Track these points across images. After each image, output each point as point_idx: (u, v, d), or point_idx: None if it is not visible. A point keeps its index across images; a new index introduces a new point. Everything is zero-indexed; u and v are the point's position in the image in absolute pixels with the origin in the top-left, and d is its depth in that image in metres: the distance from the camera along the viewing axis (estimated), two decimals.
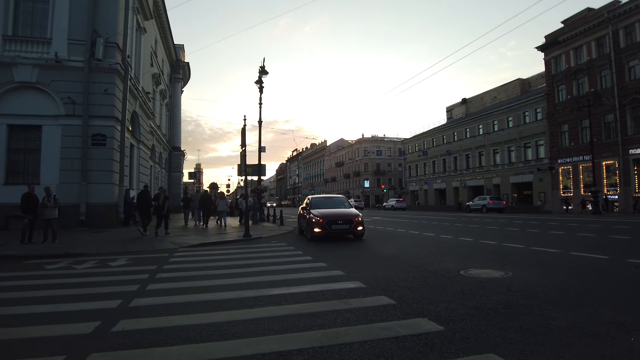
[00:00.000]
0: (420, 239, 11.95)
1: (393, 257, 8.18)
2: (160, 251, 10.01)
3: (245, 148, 13.89)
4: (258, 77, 21.08)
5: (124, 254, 9.62)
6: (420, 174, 65.30)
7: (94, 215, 15.82)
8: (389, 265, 7.19)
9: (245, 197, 15.21)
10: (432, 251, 9.16)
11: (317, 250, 9.77)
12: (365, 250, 9.61)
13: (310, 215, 11.94)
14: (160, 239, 12.62)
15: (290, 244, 11.45)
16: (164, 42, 33.19)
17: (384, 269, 6.81)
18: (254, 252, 9.70)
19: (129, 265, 7.95)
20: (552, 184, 40.37)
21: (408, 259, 7.90)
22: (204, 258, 8.72)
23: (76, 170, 15.84)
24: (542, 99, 42.16)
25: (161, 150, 33.13)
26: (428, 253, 8.85)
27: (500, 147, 47.99)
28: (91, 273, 7.07)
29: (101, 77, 16.40)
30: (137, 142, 21.47)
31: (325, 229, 11.36)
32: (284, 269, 7.08)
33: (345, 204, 13.32)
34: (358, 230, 11.70)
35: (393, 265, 7.19)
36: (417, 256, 8.34)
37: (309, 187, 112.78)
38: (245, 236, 12.80)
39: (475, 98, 62.09)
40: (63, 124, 15.99)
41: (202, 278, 6.34)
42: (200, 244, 11.32)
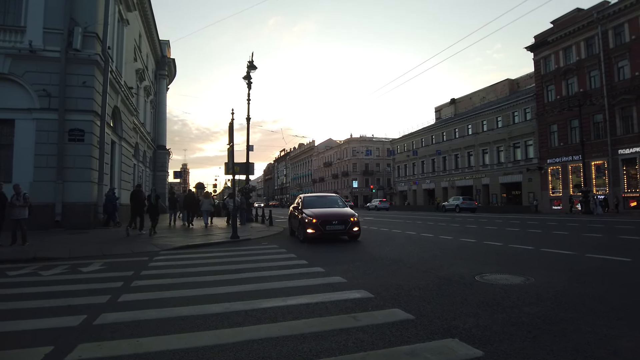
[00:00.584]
0: (420, 240, 11.30)
1: (397, 261, 7.48)
2: (140, 254, 9.14)
3: (233, 144, 13.06)
4: (246, 72, 20.28)
5: (99, 257, 8.75)
6: (409, 174, 65.04)
7: (70, 215, 14.82)
8: (394, 270, 6.49)
9: (233, 196, 14.38)
10: (436, 253, 8.49)
11: (311, 253, 9.03)
12: (364, 252, 8.90)
13: (302, 215, 11.19)
14: (143, 240, 11.76)
15: (282, 246, 10.68)
16: (149, 37, 32.10)
17: (389, 275, 6.11)
18: (242, 255, 8.91)
19: (102, 271, 7.10)
20: (541, 184, 40.28)
21: (413, 263, 7.21)
22: (187, 262, 7.91)
23: (51, 167, 14.83)
24: (532, 99, 42.10)
25: (145, 148, 32.03)
26: (433, 256, 8.19)
27: (489, 147, 47.86)
28: (58, 281, 6.21)
29: (79, 68, 15.40)
30: (118, 138, 20.45)
31: (319, 229, 10.63)
32: (277, 275, 6.32)
33: (339, 202, 12.60)
34: (354, 231, 10.99)
35: (399, 270, 6.49)
36: (422, 259, 7.66)
37: (297, 187, 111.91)
38: (233, 237, 11.99)
39: (464, 98, 62.06)
40: (38, 118, 14.95)
41: (185, 286, 5.55)
42: (184, 246, 10.49)
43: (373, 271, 6.44)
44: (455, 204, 41.02)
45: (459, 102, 62.76)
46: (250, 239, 12.41)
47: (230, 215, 19.14)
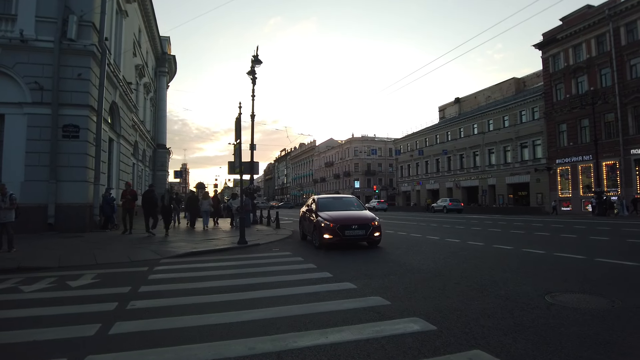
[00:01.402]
0: (449, 247, 10.27)
1: (437, 274, 6.44)
2: (138, 264, 8.11)
3: (241, 141, 12.04)
4: (251, 67, 19.26)
5: (92, 267, 7.72)
6: (413, 175, 64.02)
7: (64, 217, 13.78)
8: (441, 288, 5.45)
9: (241, 196, 13.37)
10: (477, 264, 7.46)
11: (332, 262, 7.97)
12: (393, 262, 7.84)
13: (318, 219, 10.16)
14: (142, 246, 10.74)
15: (296, 252, 9.64)
16: (149, 33, 31.08)
17: (439, 294, 5.07)
18: (254, 265, 7.87)
19: (94, 285, 6.07)
20: (549, 185, 39.29)
21: (459, 277, 6.17)
22: (192, 275, 6.86)
23: (44, 165, 13.78)
24: (540, 97, 41.12)
25: (145, 147, 31.01)
26: (474, 267, 7.15)
27: (495, 147, 46.86)
28: (39, 300, 5.16)
29: (74, 60, 14.35)
30: (117, 136, 19.42)
31: (337, 235, 9.60)
32: (301, 294, 5.26)
33: (355, 204, 11.56)
34: (375, 236, 9.95)
35: (447, 288, 5.45)
36: (465, 272, 6.61)
37: (298, 187, 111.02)
38: (240, 243, 10.97)
39: (469, 97, 61.05)
40: (29, 113, 13.89)
41: (192, 311, 4.49)
42: (187, 254, 9.44)
43: (416, 289, 5.40)
44: (443, 205, 42.94)
45: (464, 102, 61.74)
46: (259, 245, 11.38)
47: (234, 216, 18.19)
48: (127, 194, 14.33)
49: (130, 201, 14.21)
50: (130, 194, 14.29)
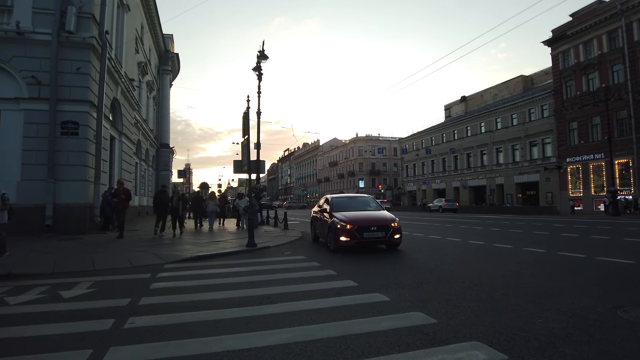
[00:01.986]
0: (475, 250, 9.54)
1: (476, 283, 5.68)
2: (140, 269, 7.40)
3: (249, 137, 11.32)
4: (256, 63, 18.58)
5: (89, 273, 7.01)
6: (418, 174, 63.20)
7: (63, 218, 13.10)
8: (487, 300, 4.71)
9: (249, 196, 12.68)
10: (515, 270, 6.71)
11: (352, 268, 7.22)
12: (422, 268, 7.07)
13: (333, 220, 9.43)
14: (144, 249, 10.04)
15: (310, 256, 8.91)
16: (152, 30, 30.47)
17: (490, 310, 4.31)
18: (267, 271, 7.14)
19: (89, 296, 5.36)
20: (560, 184, 38.43)
21: (505, 287, 5.40)
22: (199, 283, 6.13)
23: (42, 164, 13.11)
24: (549, 95, 40.27)
25: (148, 146, 30.38)
26: (514, 273, 6.40)
27: (503, 146, 46.02)
28: (22, 316, 4.44)
29: (73, 53, 13.67)
30: (118, 134, 18.76)
31: (354, 237, 8.86)
32: (328, 308, 4.51)
33: (372, 204, 10.82)
34: (395, 238, 9.20)
35: (495, 301, 4.69)
36: (509, 280, 5.86)
37: (302, 187, 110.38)
38: (250, 245, 10.25)
39: (475, 96, 60.23)
40: (26, 109, 13.22)
41: (202, 330, 3.76)
42: (193, 258, 8.72)
43: (460, 302, 4.65)
44: (438, 205, 44.44)
45: (470, 100, 60.94)
46: (269, 247, 10.66)
47: (240, 217, 17.52)
48: (120, 193, 12.95)
49: (123, 201, 12.90)
50: (124, 193, 12.96)
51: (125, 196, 12.93)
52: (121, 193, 12.90)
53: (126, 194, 13.04)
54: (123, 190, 13.04)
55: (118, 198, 12.88)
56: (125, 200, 12.94)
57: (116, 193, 13.11)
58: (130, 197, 13.41)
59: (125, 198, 12.93)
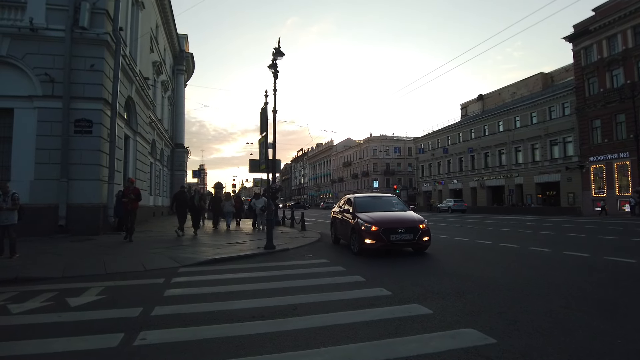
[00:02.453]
0: (510, 253, 8.91)
1: (526, 292, 5.04)
2: (154, 274, 6.95)
3: (267, 134, 10.82)
4: (272, 60, 18.16)
5: (100, 278, 6.59)
6: (434, 174, 62.15)
7: (76, 219, 12.79)
8: (548, 314, 4.08)
9: (268, 197, 12.21)
10: (565, 276, 6.06)
11: (382, 274, 6.63)
12: (458, 274, 6.44)
13: (357, 221, 8.87)
14: (160, 250, 9.63)
15: (333, 260, 8.36)
16: (166, 29, 30.30)
17: (556, 326, 3.70)
18: (289, 277, 6.61)
19: (98, 304, 4.90)
20: (582, 184, 37.21)
21: (562, 298, 4.77)
22: (217, 290, 5.63)
23: (55, 163, 12.82)
24: (571, 92, 39.00)
25: (163, 146, 30.20)
26: (566, 281, 5.75)
27: (523, 145, 44.79)
28: (22, 328, 4.00)
29: (87, 50, 13.37)
30: (133, 133, 18.48)
31: (380, 239, 8.29)
32: (365, 322, 3.93)
33: (397, 204, 10.22)
34: (424, 241, 8.61)
35: (556, 314, 4.07)
36: (562, 289, 5.21)
37: (315, 187, 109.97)
38: (268, 248, 9.76)
39: (492, 94, 58.96)
40: (39, 107, 12.96)
41: (224, 350, 3.28)
42: (210, 261, 8.24)
43: (515, 316, 4.02)
44: (448, 205, 44.84)
45: (487, 98, 59.69)
46: (289, 250, 10.14)
47: (257, 217, 17.09)
48: (129, 192, 12.01)
49: (133, 201, 11.93)
50: (133, 193, 12.01)
51: (135, 196, 12.03)
52: (131, 192, 12.02)
53: (136, 193, 12.10)
54: (133, 190, 12.14)
55: (127, 198, 11.98)
56: (135, 200, 12.03)
57: (125, 192, 12.24)
58: (140, 197, 12.42)
59: (135, 198, 12.03)
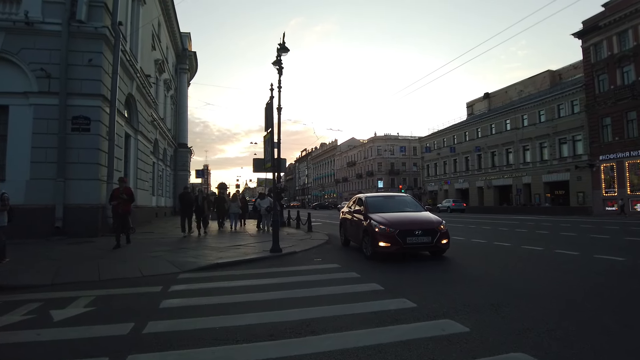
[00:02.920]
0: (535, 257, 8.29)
1: (570, 303, 4.44)
2: (151, 280, 6.38)
3: (273, 131, 10.23)
4: (276, 56, 17.61)
5: (92, 285, 6.02)
6: (440, 174, 61.42)
7: (73, 220, 12.25)
8: (604, 332, 3.50)
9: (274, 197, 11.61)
10: (603, 283, 5.46)
11: (401, 281, 6.04)
12: (486, 282, 5.82)
13: (370, 222, 8.26)
14: (157, 255, 9.05)
15: (345, 265, 7.75)
16: (169, 27, 29.83)
17: (621, 349, 3.14)
18: (299, 284, 6.01)
19: (84, 318, 4.33)
20: (592, 183, 36.41)
21: (612, 311, 4.18)
22: (218, 300, 5.04)
23: (51, 162, 12.29)
24: (580, 90, 38.19)
25: (166, 146, 29.71)
26: (609, 289, 5.15)
27: (531, 144, 44.00)
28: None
29: (84, 44, 12.83)
30: (134, 132, 17.95)
31: (396, 242, 7.68)
32: (392, 343, 3.34)
33: (412, 205, 9.57)
34: (442, 244, 7.98)
35: (615, 333, 3.50)
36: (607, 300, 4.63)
37: (319, 187, 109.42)
38: (274, 251, 9.18)
39: (499, 92, 58.12)
40: (35, 104, 12.43)
41: None
42: (212, 266, 7.67)
43: (565, 334, 3.43)
44: (447, 205, 45.50)
45: (494, 97, 58.86)
46: (296, 253, 9.54)
47: (262, 218, 16.53)
48: (119, 193, 10.17)
49: (125, 203, 10.22)
50: (125, 193, 10.22)
51: (128, 196, 10.24)
52: (122, 193, 10.17)
53: (128, 194, 10.33)
54: (125, 190, 10.31)
55: (118, 199, 10.11)
56: (128, 201, 10.29)
57: (115, 193, 10.26)
58: (133, 198, 10.77)
59: (128, 199, 10.25)
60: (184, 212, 14.36)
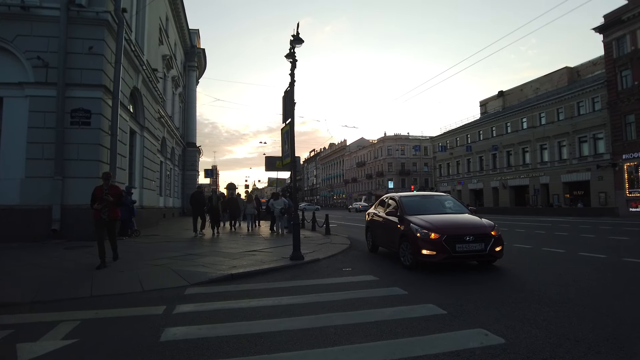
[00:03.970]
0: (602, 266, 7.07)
1: None
2: (153, 297, 5.25)
3: (293, 122, 9.05)
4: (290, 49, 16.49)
5: (80, 304, 4.90)
6: (453, 174, 59.84)
7: (72, 222, 11.19)
8: None
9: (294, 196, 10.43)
10: None
11: (464, 301, 4.81)
12: (584, 305, 4.58)
13: (410, 226, 7.04)
14: (163, 262, 7.95)
15: (382, 276, 6.53)
16: (177, 23, 28.91)
17: None
18: (333, 305, 4.83)
19: (59, 357, 3.24)
20: (615, 183, 34.82)
21: None
22: (234, 331, 3.85)
23: (49, 159, 11.25)
24: (601, 86, 36.59)
25: (174, 145, 28.75)
26: None
27: (549, 142, 42.41)
28: None
29: (85, 30, 11.77)
30: (140, 128, 16.91)
31: (443, 250, 6.46)
32: None
33: (454, 205, 8.35)
34: (496, 252, 6.76)
35: None
36: None
37: (328, 188, 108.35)
38: (295, 258, 8.02)
39: (514, 90, 56.51)
40: (31, 95, 11.41)
41: None
42: (224, 278, 6.50)
43: None
44: None
45: (508, 95, 57.24)
46: (319, 260, 8.34)
47: (276, 220, 15.40)
48: (102, 193, 7.40)
49: (110, 207, 7.50)
50: (111, 194, 7.49)
51: (114, 198, 7.54)
52: (107, 193, 7.42)
53: (115, 194, 7.60)
54: (111, 189, 7.56)
55: (102, 202, 7.36)
56: (115, 204, 7.59)
57: (97, 194, 7.47)
58: (121, 201, 8.05)
59: (115, 201, 7.56)
60: (195, 212, 14.23)
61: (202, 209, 14.33)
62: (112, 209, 7.57)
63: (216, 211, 14.70)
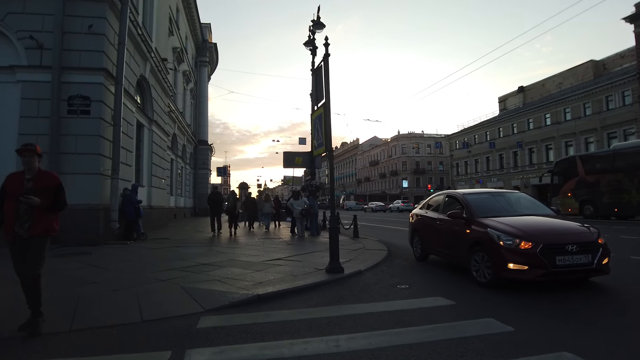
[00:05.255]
0: None
1: None
2: (153, 332, 3.76)
3: (328, 103, 7.36)
4: (309, 36, 15.08)
5: (53, 345, 3.44)
6: (471, 172, 57.84)
7: (68, 224, 9.50)
8: None
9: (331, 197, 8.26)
10: None
11: (598, 343, 3.27)
12: None
13: (485, 231, 5.48)
14: (171, 275, 6.50)
15: (458, 299, 4.88)
16: (188, 16, 27.66)
17: None
18: (411, 348, 3.30)
19: None
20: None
21: None
22: None
23: (43, 152, 9.87)
24: (632, 79, 34.57)
25: (185, 142, 27.46)
26: None
27: (574, 139, 40.35)
28: None
29: (84, 7, 10.42)
30: (148, 121, 15.54)
31: (539, 263, 4.87)
32: None
33: (534, 206, 6.73)
34: (604, 265, 5.15)
35: None
36: None
37: (340, 187, 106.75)
38: (333, 271, 6.47)
39: (535, 85, 54.41)
40: (24, 80, 10.09)
41: None
42: (247, 301, 4.94)
43: None
44: None
45: (529, 90, 55.17)
46: (362, 273, 6.76)
47: (296, 222, 13.90)
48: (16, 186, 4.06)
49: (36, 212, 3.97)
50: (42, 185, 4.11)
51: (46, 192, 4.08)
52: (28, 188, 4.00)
53: (49, 187, 4.14)
54: (39, 179, 4.15)
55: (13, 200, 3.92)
56: (53, 204, 4.14)
57: (7, 186, 4.15)
58: (61, 199, 4.21)
59: (54, 201, 4.14)
60: (213, 212, 14.26)
61: (220, 210, 14.44)
62: (39, 216, 4.00)
63: (233, 211, 14.64)
